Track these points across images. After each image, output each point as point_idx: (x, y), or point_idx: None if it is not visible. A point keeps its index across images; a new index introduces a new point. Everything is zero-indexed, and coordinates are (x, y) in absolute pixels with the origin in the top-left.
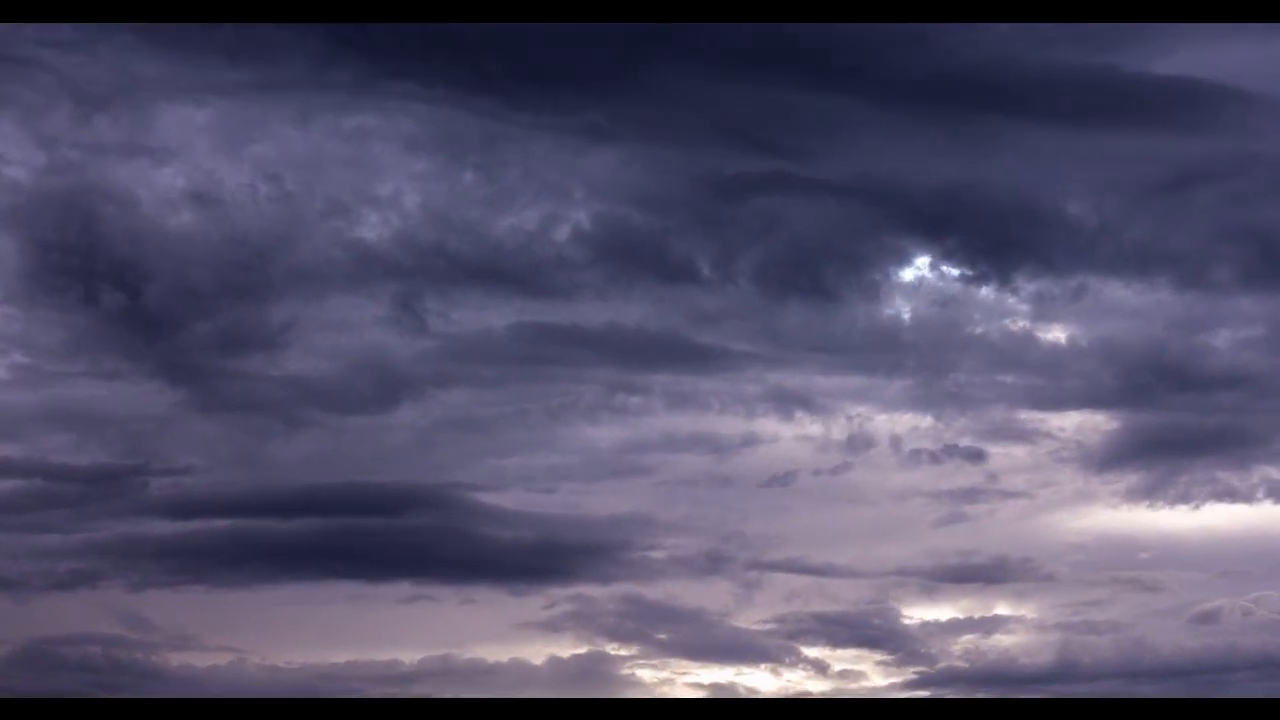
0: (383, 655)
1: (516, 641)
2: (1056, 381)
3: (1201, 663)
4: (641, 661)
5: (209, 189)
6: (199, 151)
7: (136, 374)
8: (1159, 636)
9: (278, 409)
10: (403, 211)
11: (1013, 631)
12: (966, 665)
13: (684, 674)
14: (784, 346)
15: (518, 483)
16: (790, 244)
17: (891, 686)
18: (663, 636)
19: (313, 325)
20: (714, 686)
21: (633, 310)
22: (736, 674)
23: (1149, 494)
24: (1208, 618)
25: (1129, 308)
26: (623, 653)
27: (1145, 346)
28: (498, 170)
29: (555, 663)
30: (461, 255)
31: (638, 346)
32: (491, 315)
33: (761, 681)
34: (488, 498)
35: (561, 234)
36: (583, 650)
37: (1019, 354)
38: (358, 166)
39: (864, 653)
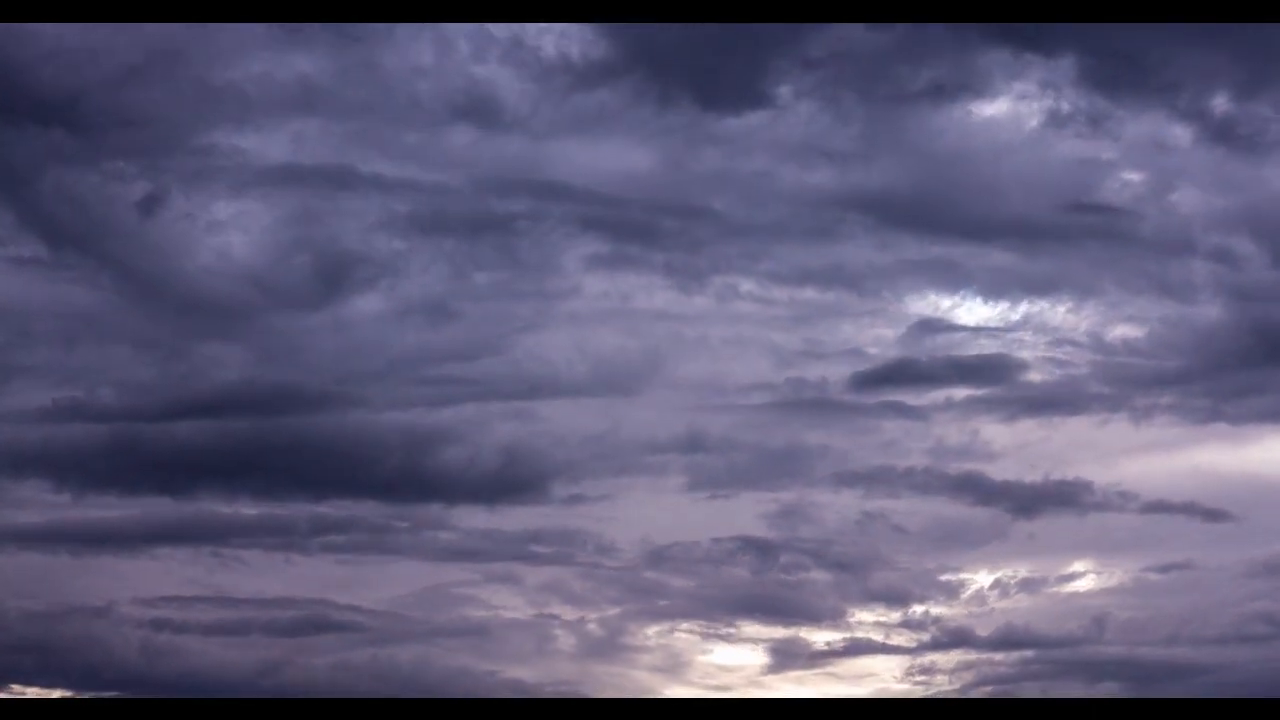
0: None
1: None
2: (1177, 260)
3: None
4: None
5: None
6: None
7: None
8: (1209, 593)
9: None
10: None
11: (1050, 586)
12: (1016, 625)
13: (729, 637)
14: (827, 207)
15: (487, 393)
16: (835, 69)
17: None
18: (688, 585)
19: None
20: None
21: (631, 160)
22: (793, 634)
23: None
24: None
25: None
26: (642, 609)
27: None
28: None
29: (574, 629)
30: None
31: (638, 209)
32: (454, 166)
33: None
34: (449, 412)
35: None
36: (597, 614)
37: (1131, 229)
38: None
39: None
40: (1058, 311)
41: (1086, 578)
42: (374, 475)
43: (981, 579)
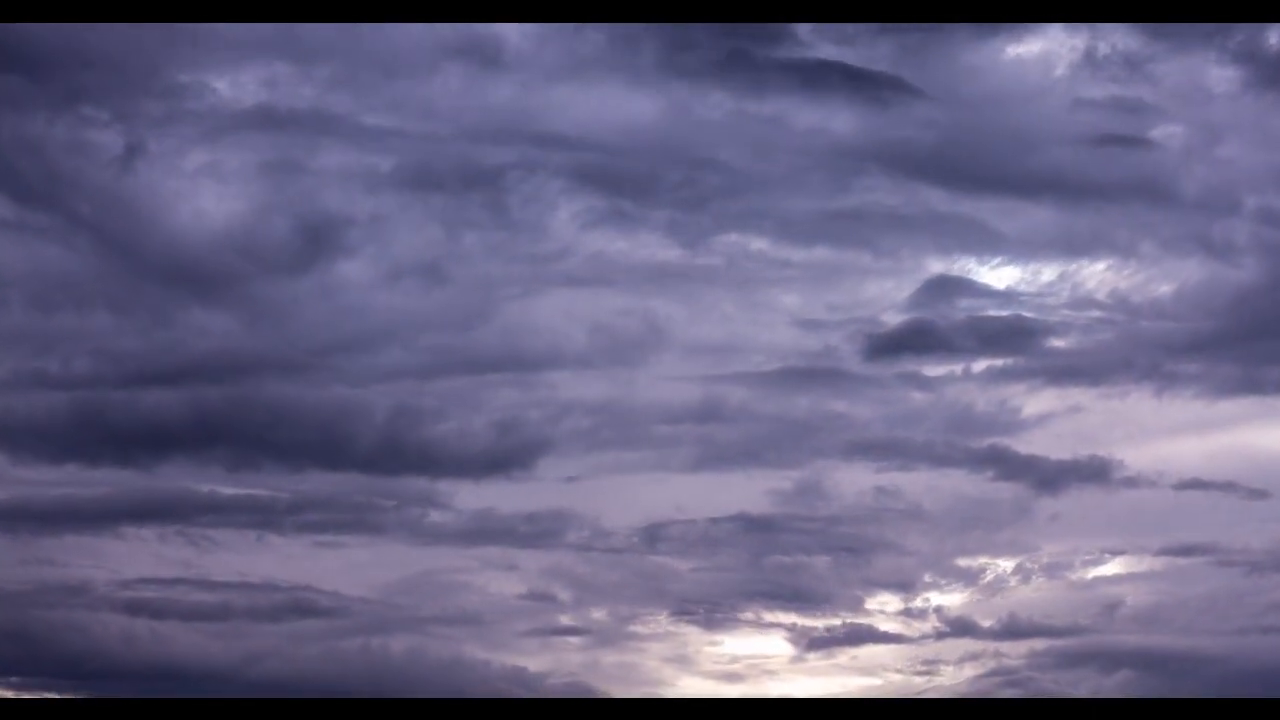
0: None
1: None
2: (1220, 220)
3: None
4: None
5: None
6: None
7: None
8: (1236, 579)
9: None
10: None
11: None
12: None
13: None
14: (845, 157)
15: (479, 363)
16: None
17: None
18: (689, 569)
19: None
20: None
21: (632, 107)
22: (806, 623)
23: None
24: None
25: None
26: (644, 593)
27: None
28: None
29: (575, 615)
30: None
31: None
32: (442, 115)
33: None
34: (439, 384)
35: None
36: (597, 598)
37: (1170, 184)
38: None
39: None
40: (1090, 273)
41: (1112, 562)
42: (357, 451)
43: (1001, 564)
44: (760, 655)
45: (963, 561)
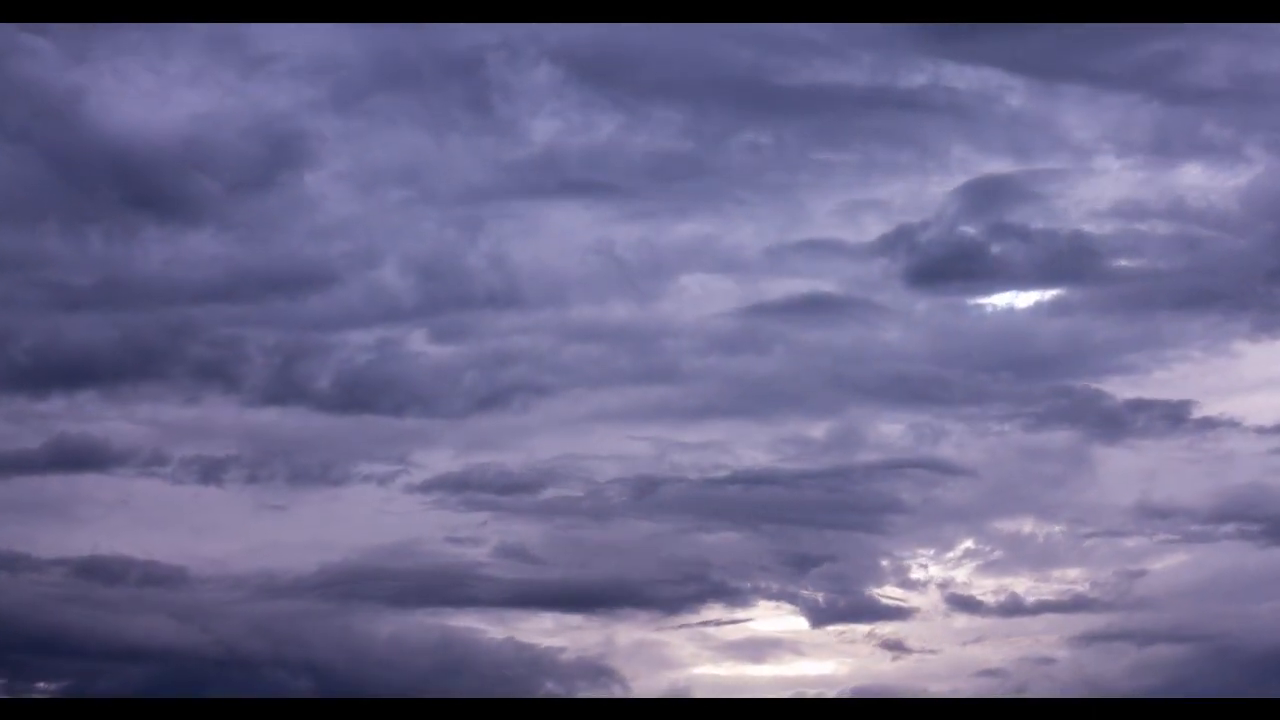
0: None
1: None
2: None
3: None
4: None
5: None
6: None
7: None
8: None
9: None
10: None
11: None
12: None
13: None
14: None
15: (461, 297)
16: None
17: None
18: (691, 533)
19: None
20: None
21: None
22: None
23: None
24: None
25: None
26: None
27: None
28: None
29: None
30: None
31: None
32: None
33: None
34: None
35: None
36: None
37: None
38: None
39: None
40: (1177, 178)
41: (1168, 530)
42: (320, 390)
43: (1046, 529)
44: (781, 631)
45: (1007, 525)
